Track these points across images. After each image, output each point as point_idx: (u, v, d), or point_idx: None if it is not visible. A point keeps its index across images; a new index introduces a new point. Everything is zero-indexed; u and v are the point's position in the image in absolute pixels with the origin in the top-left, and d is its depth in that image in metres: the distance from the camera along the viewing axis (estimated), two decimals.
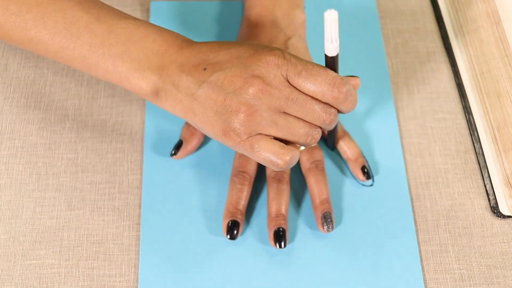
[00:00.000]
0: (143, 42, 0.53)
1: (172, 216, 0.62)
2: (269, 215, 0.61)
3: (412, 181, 0.65)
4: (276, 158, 0.51)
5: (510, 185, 0.62)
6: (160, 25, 0.71)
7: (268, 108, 0.51)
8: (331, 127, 0.54)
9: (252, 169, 0.62)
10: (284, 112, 0.52)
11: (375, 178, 0.64)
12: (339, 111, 0.54)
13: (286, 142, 0.53)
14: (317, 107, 0.52)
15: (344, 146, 0.65)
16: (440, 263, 0.61)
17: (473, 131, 0.67)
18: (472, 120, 0.68)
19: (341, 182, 0.64)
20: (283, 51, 0.51)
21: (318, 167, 0.63)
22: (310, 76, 0.50)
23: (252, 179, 0.62)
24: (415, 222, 0.63)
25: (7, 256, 0.60)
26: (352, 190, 0.64)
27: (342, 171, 0.65)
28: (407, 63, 0.71)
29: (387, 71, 0.70)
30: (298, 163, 0.64)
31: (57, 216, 0.62)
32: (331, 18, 0.46)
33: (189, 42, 0.54)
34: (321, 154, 0.64)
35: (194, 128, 0.63)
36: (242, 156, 0.62)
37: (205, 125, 0.52)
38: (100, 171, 0.64)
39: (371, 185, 0.64)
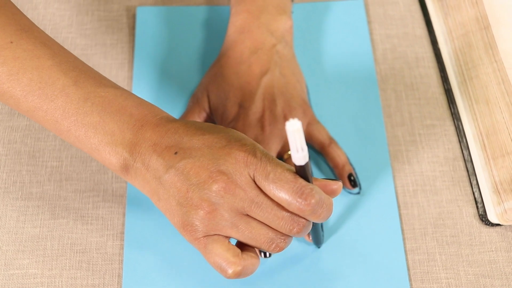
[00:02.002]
0: (119, 115, 0.50)
1: (156, 225, 0.61)
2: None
3: (400, 189, 0.64)
4: (226, 267, 0.48)
5: (499, 192, 0.62)
6: (146, 31, 0.72)
7: (230, 208, 0.48)
8: (300, 236, 0.50)
9: None
10: (248, 215, 0.48)
11: (362, 185, 0.64)
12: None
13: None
14: (283, 215, 0.48)
15: (330, 154, 0.64)
16: (427, 272, 0.60)
17: (461, 138, 0.67)
18: (460, 126, 0.67)
19: None
20: (255, 148, 0.48)
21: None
22: (277, 181, 0.47)
23: None
24: (402, 230, 0.62)
25: None
26: (338, 198, 0.63)
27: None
28: (395, 68, 0.71)
29: (375, 76, 0.70)
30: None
31: (41, 225, 0.62)
32: (293, 129, 0.43)
33: (167, 120, 0.51)
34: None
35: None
36: None
37: (167, 212, 0.50)
38: (84, 179, 0.64)
39: (358, 193, 0.64)
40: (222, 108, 0.63)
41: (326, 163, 0.65)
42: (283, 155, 0.63)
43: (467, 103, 0.67)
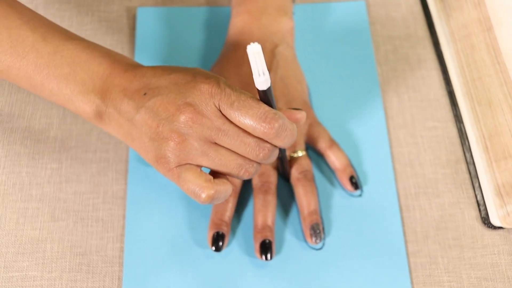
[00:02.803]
0: (88, 64, 0.52)
1: (156, 227, 0.61)
2: (255, 227, 0.60)
3: (402, 191, 0.64)
4: (199, 191, 0.50)
5: (501, 195, 0.61)
6: (146, 32, 0.71)
7: (199, 137, 0.49)
8: (267, 162, 0.52)
9: (237, 181, 0.61)
10: (216, 143, 0.50)
11: (364, 188, 0.63)
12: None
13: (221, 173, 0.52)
14: (249, 141, 0.50)
15: (332, 156, 0.64)
16: (430, 276, 0.60)
17: (464, 140, 0.66)
18: (463, 128, 0.67)
19: (329, 193, 0.63)
20: (219, 80, 0.50)
21: (307, 177, 0.62)
22: (242, 108, 0.49)
23: (238, 190, 0.61)
24: (404, 233, 0.62)
25: None
26: (340, 200, 0.63)
27: (330, 181, 0.64)
28: (397, 70, 0.70)
29: (377, 78, 0.69)
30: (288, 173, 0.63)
31: (40, 227, 0.61)
32: (253, 51, 0.44)
33: (134, 66, 0.53)
34: (309, 164, 0.63)
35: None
36: None
37: (141, 150, 0.52)
38: (84, 181, 0.63)
39: (360, 195, 0.63)
40: None
41: (327, 165, 0.65)
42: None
43: (470, 105, 0.67)
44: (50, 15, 0.73)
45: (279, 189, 0.63)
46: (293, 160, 0.62)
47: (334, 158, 0.63)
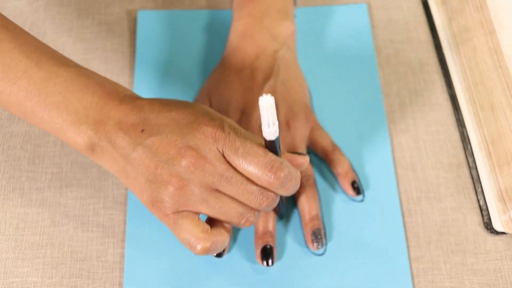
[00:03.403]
0: (82, 93, 0.50)
1: (157, 232, 0.61)
2: (256, 232, 0.60)
3: (404, 196, 0.63)
4: (195, 242, 0.48)
5: (504, 200, 0.61)
6: (147, 35, 0.71)
7: (200, 183, 0.47)
8: (269, 210, 0.50)
9: None
10: (218, 190, 0.48)
11: (366, 193, 0.63)
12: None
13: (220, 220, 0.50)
14: (253, 189, 0.48)
15: (334, 161, 0.63)
16: (432, 281, 0.59)
17: (466, 145, 0.66)
18: (465, 133, 0.66)
19: (331, 197, 0.63)
20: (223, 122, 0.48)
21: (309, 182, 0.61)
22: (247, 155, 0.47)
23: None
24: (406, 238, 0.61)
25: None
26: (342, 205, 0.63)
27: (332, 186, 0.64)
28: (399, 74, 0.70)
29: (378, 82, 0.69)
30: None
31: (41, 233, 0.61)
32: (266, 104, 0.43)
33: (131, 98, 0.51)
34: (311, 169, 0.62)
35: None
36: None
37: (136, 190, 0.49)
38: (84, 186, 0.63)
39: (362, 200, 0.63)
40: (224, 114, 0.63)
41: (329, 169, 0.64)
42: None
43: (472, 109, 0.67)
44: (50, 18, 0.73)
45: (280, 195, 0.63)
46: None
47: (336, 163, 0.63)
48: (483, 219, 0.62)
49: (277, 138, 0.47)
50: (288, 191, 0.49)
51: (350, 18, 0.73)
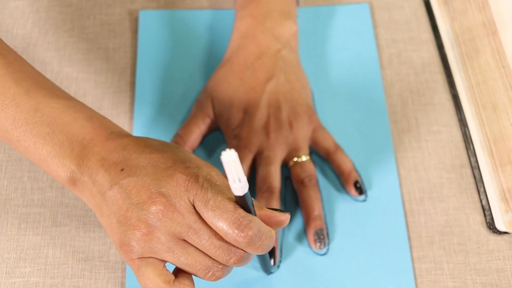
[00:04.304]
0: (69, 127, 0.49)
1: None
2: None
3: (406, 196, 0.63)
4: None
5: (507, 200, 0.61)
6: (149, 35, 0.71)
7: (167, 232, 0.46)
8: (240, 266, 0.48)
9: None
10: (185, 240, 0.47)
11: (368, 193, 0.63)
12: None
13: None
14: (220, 245, 0.46)
15: (336, 161, 0.63)
16: (435, 281, 0.59)
17: (468, 144, 0.66)
18: (468, 133, 0.66)
19: (333, 198, 0.63)
20: (199, 172, 0.47)
21: (311, 182, 0.61)
22: (216, 209, 0.45)
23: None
24: (409, 238, 0.61)
25: None
26: (344, 205, 0.62)
27: (335, 186, 0.63)
28: (401, 74, 0.70)
29: (381, 82, 0.69)
30: (290, 178, 0.63)
31: (42, 233, 0.61)
32: (229, 160, 0.41)
33: (117, 135, 0.50)
34: (313, 169, 0.62)
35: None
36: None
37: (108, 229, 0.49)
38: None
39: (364, 200, 0.63)
40: (226, 114, 0.63)
41: (332, 170, 0.64)
42: (288, 161, 0.62)
43: (474, 109, 0.67)
44: (51, 18, 0.72)
45: (283, 194, 0.63)
46: (297, 164, 0.62)
47: (338, 163, 0.63)
48: (485, 219, 0.62)
49: (247, 195, 0.45)
50: (258, 250, 0.47)
51: (352, 18, 0.73)
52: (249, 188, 0.62)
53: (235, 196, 0.45)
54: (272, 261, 0.58)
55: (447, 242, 0.61)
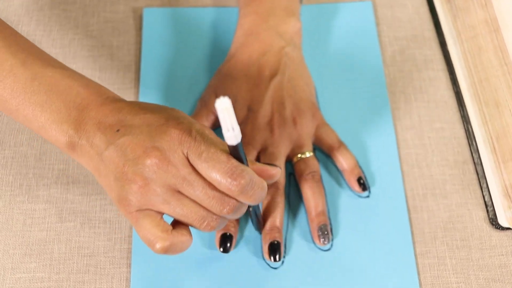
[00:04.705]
0: (66, 94, 0.51)
1: None
2: (263, 228, 0.60)
3: (409, 192, 0.63)
4: (154, 241, 0.48)
5: (509, 196, 0.61)
6: (153, 33, 0.71)
7: (162, 184, 0.48)
8: (233, 217, 0.50)
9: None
10: (180, 192, 0.49)
11: (372, 189, 0.63)
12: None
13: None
14: (214, 195, 0.48)
15: (339, 157, 0.63)
16: (438, 277, 0.60)
17: (471, 141, 0.66)
18: (470, 129, 0.67)
19: (337, 194, 0.63)
20: (191, 127, 0.49)
21: (314, 178, 0.62)
22: (209, 160, 0.47)
23: None
24: (412, 234, 0.61)
25: None
26: (348, 201, 0.63)
27: (338, 182, 0.64)
28: (404, 71, 0.70)
29: (384, 79, 0.69)
30: (294, 174, 0.63)
31: (48, 229, 0.61)
32: (223, 107, 0.42)
33: (112, 100, 0.52)
34: (317, 165, 0.62)
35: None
36: None
37: (106, 187, 0.50)
38: (91, 182, 0.63)
39: (368, 196, 0.63)
40: None
41: (335, 166, 0.64)
42: (292, 158, 0.63)
43: (477, 106, 0.67)
44: (55, 15, 0.73)
45: (287, 190, 0.63)
46: (300, 161, 0.62)
47: (341, 159, 0.63)
48: (488, 215, 0.63)
49: (239, 145, 0.46)
50: (250, 200, 0.49)
51: (355, 16, 0.73)
52: None
53: (229, 146, 0.47)
54: (276, 256, 0.59)
55: (450, 238, 0.61)
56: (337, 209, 0.62)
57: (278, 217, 0.60)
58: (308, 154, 0.62)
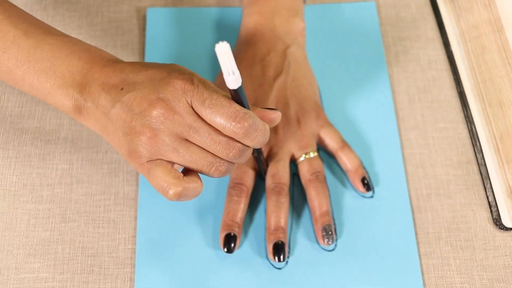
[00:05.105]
0: (68, 59, 0.52)
1: (168, 228, 0.61)
2: (268, 228, 0.60)
3: (413, 193, 0.63)
4: (167, 188, 0.49)
5: None
6: (156, 32, 0.71)
7: (170, 133, 0.49)
8: (239, 161, 0.51)
9: (249, 181, 0.61)
10: (187, 140, 0.50)
11: (376, 189, 0.63)
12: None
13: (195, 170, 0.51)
14: (220, 139, 0.50)
15: (343, 157, 0.63)
16: (442, 277, 0.60)
17: (475, 141, 0.66)
18: (474, 129, 0.67)
19: (341, 194, 0.63)
20: (193, 76, 0.50)
21: (319, 178, 0.62)
22: (213, 106, 0.48)
23: (250, 191, 0.61)
24: (416, 234, 0.61)
25: (0, 270, 0.59)
26: (352, 202, 0.63)
27: (342, 182, 0.64)
28: (408, 71, 0.70)
29: (387, 79, 0.69)
30: (298, 174, 0.63)
31: (52, 229, 0.61)
32: (222, 51, 0.44)
33: (114, 61, 0.53)
34: (321, 165, 0.62)
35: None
36: (239, 167, 0.61)
37: (116, 144, 0.52)
38: (95, 182, 0.63)
39: (372, 196, 0.63)
40: None
41: (339, 166, 0.64)
42: (297, 158, 0.63)
43: (481, 106, 0.67)
44: (59, 15, 0.73)
45: (291, 191, 0.63)
46: (305, 161, 0.62)
47: (345, 159, 0.63)
48: (492, 215, 0.63)
49: (241, 88, 0.48)
50: (254, 142, 0.50)
51: (359, 16, 0.73)
52: (258, 185, 0.63)
53: (230, 91, 0.48)
54: (281, 257, 0.59)
55: (454, 238, 0.61)
56: (341, 210, 0.62)
57: (282, 217, 0.60)
58: (312, 155, 0.62)
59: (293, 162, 0.63)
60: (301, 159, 0.62)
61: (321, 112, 0.65)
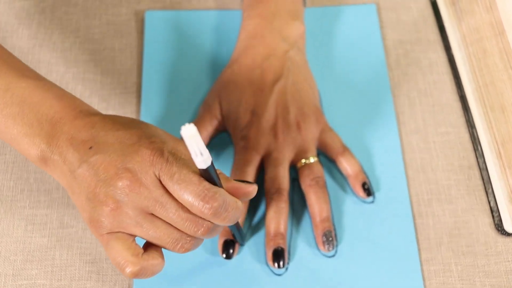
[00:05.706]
0: (38, 106, 0.50)
1: None
2: (267, 234, 0.59)
3: (414, 198, 0.63)
4: (124, 265, 0.48)
5: None
6: (155, 35, 0.70)
7: (134, 206, 0.47)
8: (209, 237, 0.49)
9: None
10: (153, 214, 0.48)
11: (376, 194, 0.63)
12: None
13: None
14: (187, 217, 0.47)
15: (344, 162, 0.63)
16: (443, 283, 0.59)
17: (476, 146, 0.66)
18: (475, 134, 0.66)
19: (341, 199, 0.63)
20: (163, 147, 0.47)
21: (319, 183, 0.61)
22: (181, 182, 0.46)
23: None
24: (417, 240, 0.61)
25: None
26: (352, 207, 0.62)
27: (342, 187, 0.63)
28: (408, 74, 0.70)
29: (388, 83, 0.69)
30: (298, 179, 0.62)
31: (49, 234, 0.60)
32: (188, 134, 0.42)
33: (86, 114, 0.51)
34: (321, 170, 0.62)
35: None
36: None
37: (79, 206, 0.49)
38: None
39: (372, 202, 0.63)
40: (234, 115, 0.62)
41: (339, 171, 0.64)
42: (296, 163, 0.62)
43: (482, 110, 0.66)
44: (57, 18, 0.72)
45: (291, 196, 0.62)
46: (305, 166, 0.62)
47: (346, 164, 0.63)
48: (494, 221, 0.62)
49: (210, 168, 0.46)
50: (225, 221, 0.48)
51: (359, 19, 0.73)
52: (258, 190, 0.62)
53: (199, 170, 0.46)
54: (281, 263, 0.58)
55: (455, 244, 0.61)
56: (342, 215, 0.62)
57: (282, 223, 0.59)
58: (313, 160, 0.62)
59: (293, 167, 0.63)
60: (301, 164, 0.62)
61: (321, 117, 0.64)
